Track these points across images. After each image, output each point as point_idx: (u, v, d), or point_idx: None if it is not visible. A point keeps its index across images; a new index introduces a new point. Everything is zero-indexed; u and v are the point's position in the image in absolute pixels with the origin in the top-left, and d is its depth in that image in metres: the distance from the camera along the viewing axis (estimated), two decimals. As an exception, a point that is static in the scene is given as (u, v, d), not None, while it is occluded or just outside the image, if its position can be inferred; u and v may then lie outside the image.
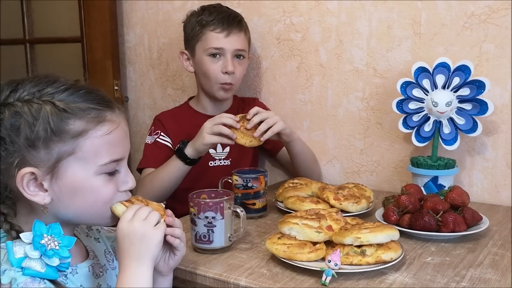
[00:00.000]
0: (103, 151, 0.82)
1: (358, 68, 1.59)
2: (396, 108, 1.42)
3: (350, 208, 1.27)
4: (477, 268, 0.98)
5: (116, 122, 0.84)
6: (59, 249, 0.78)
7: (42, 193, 0.81)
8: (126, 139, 0.88)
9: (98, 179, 0.83)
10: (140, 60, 2.07)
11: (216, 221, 1.05)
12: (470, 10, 1.40)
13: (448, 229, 1.11)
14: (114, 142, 0.84)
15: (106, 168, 0.83)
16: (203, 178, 1.57)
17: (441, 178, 1.35)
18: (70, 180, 0.81)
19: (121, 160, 0.86)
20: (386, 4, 1.52)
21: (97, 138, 0.81)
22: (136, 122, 2.13)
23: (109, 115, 0.84)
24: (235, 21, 1.57)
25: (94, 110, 0.82)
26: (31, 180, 0.80)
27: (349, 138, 1.65)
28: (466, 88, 1.34)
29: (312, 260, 0.96)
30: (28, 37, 2.25)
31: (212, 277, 0.97)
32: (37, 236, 0.77)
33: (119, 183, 0.87)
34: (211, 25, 1.54)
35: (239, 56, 1.58)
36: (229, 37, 1.54)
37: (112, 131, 0.83)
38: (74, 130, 0.80)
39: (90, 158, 0.81)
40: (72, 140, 0.80)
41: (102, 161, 0.82)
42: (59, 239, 0.79)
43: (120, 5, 2.06)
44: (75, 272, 0.87)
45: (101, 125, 0.82)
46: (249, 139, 1.35)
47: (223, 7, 1.63)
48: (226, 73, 1.54)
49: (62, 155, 0.80)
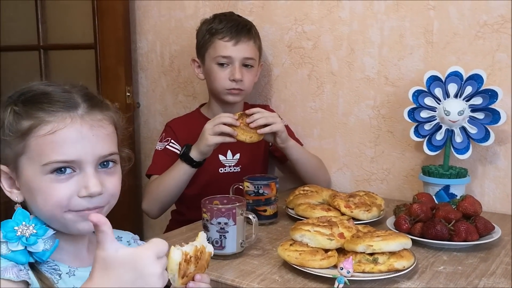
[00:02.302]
0: (47, 150, 0.80)
1: (370, 77, 1.60)
2: (408, 116, 1.42)
3: (361, 216, 1.27)
4: (489, 278, 0.97)
5: (65, 122, 0.81)
6: (29, 236, 0.78)
7: (16, 191, 0.83)
8: (83, 141, 0.82)
9: (44, 180, 0.80)
10: (152, 67, 2.09)
11: (229, 227, 1.05)
12: (483, 20, 1.40)
13: (460, 238, 1.10)
14: (60, 142, 0.80)
15: (50, 168, 0.80)
16: (213, 185, 1.57)
17: (453, 187, 1.35)
18: (25, 179, 0.82)
19: (78, 163, 0.81)
20: (398, 13, 1.52)
21: (40, 137, 0.80)
22: (147, 128, 2.15)
23: (60, 115, 0.81)
24: (244, 29, 1.58)
25: (44, 110, 0.81)
26: (8, 178, 0.83)
27: (360, 146, 1.65)
28: (479, 97, 1.34)
29: (324, 267, 0.96)
30: (43, 43, 2.27)
31: (224, 282, 0.97)
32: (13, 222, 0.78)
33: (78, 188, 0.82)
34: (219, 33, 1.55)
35: (248, 65, 1.58)
36: (237, 46, 1.55)
37: (58, 131, 0.80)
38: (23, 129, 0.81)
39: (36, 157, 0.81)
40: (22, 139, 0.81)
41: (45, 160, 0.80)
42: (36, 229, 0.79)
43: (133, 12, 2.08)
44: (72, 274, 0.85)
45: (45, 124, 0.80)
46: (249, 135, 1.38)
47: (234, 15, 1.64)
48: (233, 81, 1.55)
49: (17, 154, 0.82)
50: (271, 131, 1.39)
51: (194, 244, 0.81)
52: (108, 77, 2.06)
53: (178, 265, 0.78)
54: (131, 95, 2.05)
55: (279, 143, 1.46)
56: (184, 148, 1.44)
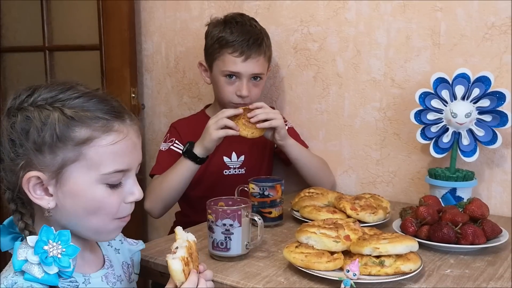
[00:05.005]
0: (107, 160, 0.82)
1: (376, 78, 1.59)
2: (414, 118, 1.41)
3: (367, 219, 1.26)
4: (497, 281, 0.96)
5: (123, 133, 0.84)
6: (61, 257, 0.78)
7: (47, 198, 0.82)
8: (134, 150, 0.87)
9: (100, 188, 0.83)
10: (157, 68, 2.09)
11: (234, 228, 1.05)
12: (490, 21, 1.39)
13: (467, 242, 1.09)
14: (120, 152, 0.83)
15: (110, 177, 0.83)
16: (217, 187, 1.57)
17: (460, 190, 1.34)
18: (72, 187, 0.81)
19: (128, 171, 0.86)
20: (405, 15, 1.52)
21: (101, 147, 0.81)
22: (152, 130, 2.14)
23: (117, 126, 0.84)
24: (255, 44, 1.53)
25: (101, 119, 0.82)
26: (37, 184, 0.81)
27: (366, 149, 1.64)
28: (486, 99, 1.33)
29: (330, 270, 0.95)
30: (48, 44, 2.28)
31: (230, 284, 0.97)
32: (41, 241, 0.77)
33: (125, 194, 0.86)
34: (230, 46, 1.51)
35: (256, 77, 1.56)
36: (246, 62, 1.51)
37: (118, 141, 0.83)
38: (79, 138, 0.80)
39: (94, 166, 0.81)
40: (77, 147, 0.80)
41: (105, 170, 0.82)
42: (64, 247, 0.78)
43: (138, 13, 2.08)
44: (87, 282, 0.87)
45: (107, 135, 0.82)
46: (250, 130, 1.40)
47: (246, 24, 1.57)
48: (240, 96, 1.54)
49: (66, 162, 0.80)
50: (270, 126, 1.40)
51: (183, 245, 0.85)
52: (113, 78, 2.06)
53: (183, 272, 0.81)
54: (136, 96, 2.05)
55: (278, 140, 1.46)
56: (187, 145, 1.43)
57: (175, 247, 0.84)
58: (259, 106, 1.41)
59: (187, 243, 0.86)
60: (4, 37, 2.47)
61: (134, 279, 1.03)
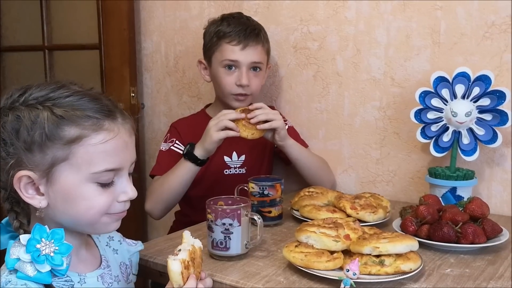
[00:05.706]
0: (97, 159, 0.82)
1: (376, 77, 1.59)
2: (414, 117, 1.41)
3: (367, 218, 1.26)
4: (498, 281, 0.96)
5: (114, 132, 0.83)
6: (54, 255, 0.77)
7: (39, 197, 0.82)
8: (126, 149, 0.86)
9: (90, 187, 0.82)
10: (156, 68, 2.08)
11: (233, 228, 1.04)
12: (490, 20, 1.39)
13: (468, 241, 1.09)
14: (111, 151, 0.83)
15: (100, 176, 0.83)
16: (218, 186, 1.57)
17: (460, 189, 1.34)
18: (62, 186, 0.81)
19: (120, 170, 0.85)
20: (405, 14, 1.51)
21: (91, 146, 0.81)
22: (151, 129, 2.14)
23: (108, 124, 0.83)
24: (252, 33, 1.55)
25: (92, 118, 0.82)
26: (29, 183, 0.81)
27: (365, 148, 1.64)
28: (486, 98, 1.33)
29: (329, 269, 0.95)
30: (47, 43, 2.28)
31: (229, 284, 0.96)
32: (33, 240, 0.77)
33: (118, 193, 0.86)
34: (227, 37, 1.53)
35: (256, 68, 1.57)
36: (245, 50, 1.53)
37: (109, 140, 0.82)
38: (68, 137, 0.80)
39: (83, 165, 0.81)
40: (66, 146, 0.80)
41: (95, 169, 0.82)
42: (57, 245, 0.78)
43: (138, 13, 2.08)
44: (83, 281, 0.87)
45: (97, 134, 0.81)
46: (251, 131, 1.39)
47: (243, 17, 1.61)
48: (240, 86, 1.54)
49: (56, 160, 0.80)
50: (270, 127, 1.40)
51: (186, 248, 0.84)
52: (113, 77, 2.06)
53: (181, 275, 0.80)
54: (135, 95, 2.05)
55: (278, 141, 1.46)
56: (187, 147, 1.43)
57: (178, 250, 0.84)
58: (259, 106, 1.41)
59: (191, 247, 0.85)
60: (4, 37, 2.46)
61: (132, 279, 1.03)
